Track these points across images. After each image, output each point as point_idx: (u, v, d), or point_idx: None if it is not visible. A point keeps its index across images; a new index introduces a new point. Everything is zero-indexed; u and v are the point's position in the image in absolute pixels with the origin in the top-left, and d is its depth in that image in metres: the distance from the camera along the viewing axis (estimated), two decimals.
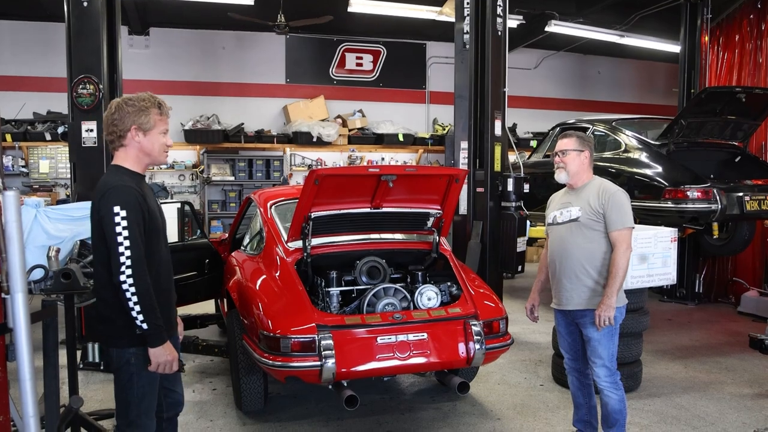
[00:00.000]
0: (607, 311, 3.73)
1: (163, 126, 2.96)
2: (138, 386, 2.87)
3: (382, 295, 4.44)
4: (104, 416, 4.42)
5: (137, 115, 2.88)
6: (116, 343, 2.87)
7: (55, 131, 10.47)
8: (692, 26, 8.98)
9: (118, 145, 2.94)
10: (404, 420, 4.72)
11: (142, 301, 2.72)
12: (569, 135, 4.02)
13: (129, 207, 2.75)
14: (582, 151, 3.95)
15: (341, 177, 4.50)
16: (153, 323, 2.76)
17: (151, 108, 2.90)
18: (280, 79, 12.35)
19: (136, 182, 2.90)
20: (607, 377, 3.87)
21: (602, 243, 3.84)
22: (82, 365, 5.84)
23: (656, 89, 14.13)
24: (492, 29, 7.07)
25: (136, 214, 2.78)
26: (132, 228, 2.74)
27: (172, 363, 2.86)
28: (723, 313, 8.31)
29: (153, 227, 2.91)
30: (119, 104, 2.90)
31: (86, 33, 5.93)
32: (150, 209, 2.90)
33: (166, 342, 2.83)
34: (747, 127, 6.96)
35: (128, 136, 2.90)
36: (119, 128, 2.89)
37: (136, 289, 2.71)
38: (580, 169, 3.97)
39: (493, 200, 7.13)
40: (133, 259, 2.72)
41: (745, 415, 4.84)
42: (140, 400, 2.88)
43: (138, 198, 2.81)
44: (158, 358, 2.81)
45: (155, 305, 2.77)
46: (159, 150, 2.97)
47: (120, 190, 2.78)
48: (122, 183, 2.82)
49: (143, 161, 2.98)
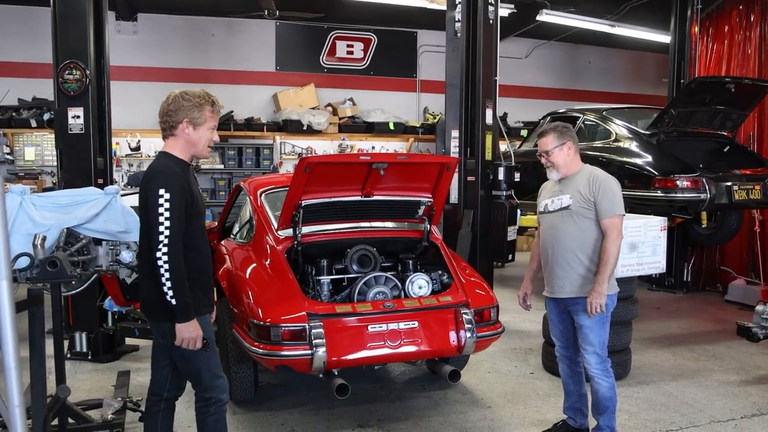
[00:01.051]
0: (598, 298, 3.73)
1: (213, 122, 3.17)
2: (202, 353, 3.09)
3: (373, 284, 4.43)
4: (92, 406, 4.37)
5: (191, 110, 3.09)
6: (155, 317, 3.13)
7: (41, 118, 10.31)
8: (682, 17, 8.97)
9: (169, 134, 3.15)
10: (395, 409, 4.73)
11: (173, 278, 2.92)
12: (546, 133, 3.99)
13: (172, 190, 2.96)
14: (563, 143, 3.93)
15: (332, 165, 4.47)
16: (181, 300, 2.95)
17: (205, 105, 3.12)
18: (270, 66, 12.24)
19: (181, 168, 3.10)
20: (598, 364, 3.88)
21: (594, 230, 3.84)
22: (70, 355, 5.80)
23: (646, 79, 14.13)
24: (484, 17, 7.03)
25: (179, 198, 2.97)
26: (173, 209, 2.94)
27: (196, 340, 3.02)
28: (711, 302, 8.38)
29: (195, 212, 3.10)
30: (176, 97, 3.11)
31: (72, 17, 5.81)
32: (192, 195, 3.08)
33: (192, 319, 3.01)
34: (736, 117, 6.99)
35: (179, 128, 3.10)
36: (173, 119, 3.10)
37: (169, 266, 2.91)
38: (567, 161, 3.96)
39: (484, 189, 7.12)
40: (171, 239, 2.92)
41: (732, 402, 4.89)
42: (208, 364, 3.16)
43: (182, 183, 3.02)
44: (182, 333, 3.00)
45: (185, 283, 2.96)
46: (204, 144, 3.17)
47: (165, 175, 3.00)
48: (168, 168, 3.04)
49: (189, 151, 3.18)
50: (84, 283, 4.32)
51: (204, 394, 3.20)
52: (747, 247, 8.45)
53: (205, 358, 3.14)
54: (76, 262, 4.11)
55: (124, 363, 5.81)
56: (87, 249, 4.18)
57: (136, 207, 3.41)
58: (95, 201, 4.23)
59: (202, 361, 3.14)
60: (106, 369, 5.62)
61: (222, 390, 3.24)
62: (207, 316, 3.23)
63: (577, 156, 4.00)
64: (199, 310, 3.10)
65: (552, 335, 4.24)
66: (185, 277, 2.97)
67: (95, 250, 4.21)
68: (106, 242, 4.19)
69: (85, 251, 4.19)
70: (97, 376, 5.43)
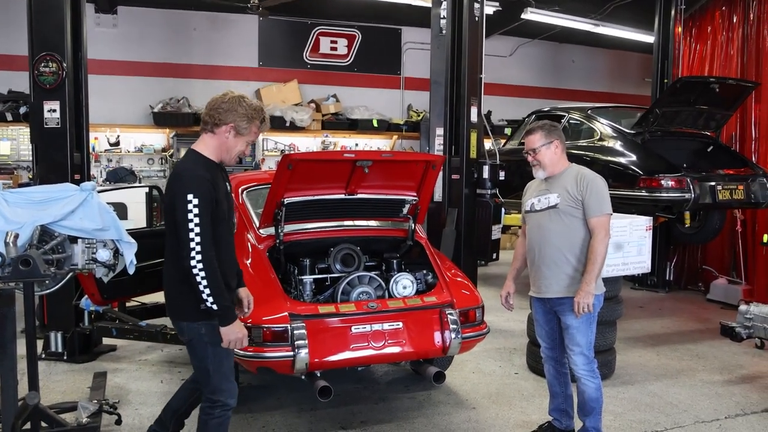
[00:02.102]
0: (585, 298, 3.68)
1: (253, 137, 3.21)
2: (213, 355, 3.12)
3: (357, 284, 4.36)
4: (66, 409, 4.25)
5: (242, 118, 3.09)
6: (186, 317, 3.13)
7: (17, 111, 10.08)
8: (666, 17, 8.97)
9: (209, 130, 3.14)
10: (378, 410, 4.66)
11: (211, 284, 2.94)
12: (533, 131, 3.92)
13: (201, 195, 2.95)
14: (551, 142, 3.87)
15: (315, 162, 4.38)
16: (222, 304, 2.98)
17: (255, 119, 3.13)
18: (252, 62, 12.11)
19: (211, 171, 3.08)
20: (584, 365, 3.84)
21: (581, 229, 3.80)
22: (44, 355, 5.67)
23: (628, 79, 14.21)
24: (469, 15, 6.98)
25: (207, 203, 2.97)
26: (203, 215, 2.94)
27: (242, 339, 3.07)
28: (693, 301, 8.42)
29: (221, 215, 3.09)
30: (233, 99, 3.10)
31: (48, 8, 5.64)
32: (218, 199, 3.06)
33: (236, 320, 3.05)
34: (720, 117, 7.02)
35: (222, 129, 3.10)
36: (220, 118, 3.08)
37: (205, 273, 2.92)
38: (553, 160, 3.90)
39: (469, 187, 7.08)
40: (203, 245, 2.93)
41: (716, 402, 4.89)
42: (219, 366, 3.16)
43: (209, 187, 3.00)
44: (229, 335, 3.03)
45: (223, 287, 3.00)
46: (236, 153, 3.19)
47: (194, 179, 2.98)
48: (196, 171, 3.02)
49: (221, 154, 3.17)
50: (58, 283, 4.19)
51: (211, 396, 3.19)
52: (729, 247, 8.50)
53: (217, 359, 3.14)
54: (51, 260, 3.97)
55: (101, 363, 5.68)
56: (62, 247, 4.06)
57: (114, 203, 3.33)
58: (71, 197, 4.11)
59: (213, 361, 3.14)
60: (82, 370, 5.49)
61: (230, 395, 3.22)
62: None
63: (564, 155, 3.96)
64: None
65: (537, 336, 4.18)
66: (221, 281, 2.99)
67: (71, 248, 4.08)
68: (82, 240, 4.07)
69: (60, 249, 4.06)
70: (73, 377, 5.30)
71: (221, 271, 3.05)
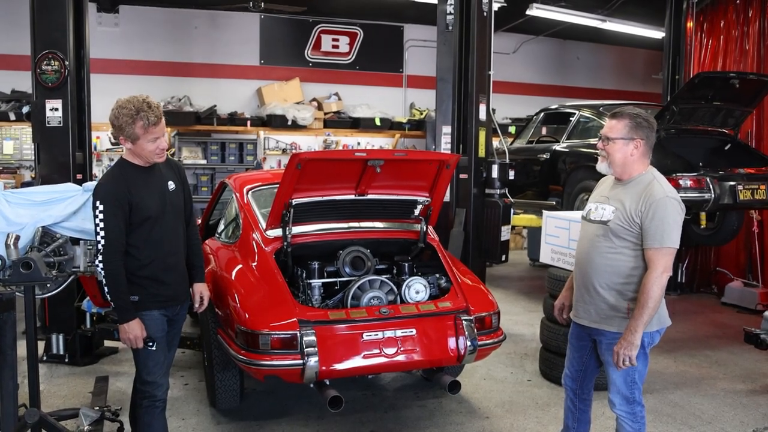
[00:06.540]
0: (627, 349, 3.08)
1: (150, 135, 3.20)
2: (139, 350, 3.30)
3: (368, 288, 4.19)
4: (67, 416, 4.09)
5: (124, 128, 3.16)
6: None
7: (19, 111, 9.97)
8: (677, 11, 8.78)
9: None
10: (388, 419, 4.50)
11: (110, 283, 3.17)
12: (620, 116, 3.24)
13: (106, 201, 3.16)
14: (633, 139, 3.19)
15: (325, 161, 4.23)
16: (118, 303, 3.20)
17: (136, 121, 3.14)
18: (254, 60, 11.95)
19: (131, 175, 3.25)
20: (622, 406, 3.27)
21: (629, 256, 3.19)
22: (46, 357, 5.55)
23: (635, 76, 14.05)
24: (477, 9, 6.84)
25: (114, 208, 3.15)
26: (107, 220, 3.15)
27: (135, 340, 3.23)
28: (706, 304, 8.23)
29: (145, 215, 3.24)
30: (114, 109, 3.18)
31: (50, 6, 5.54)
32: (137, 202, 3.21)
33: (131, 320, 3.21)
34: (739, 114, 6.80)
35: (121, 140, 3.24)
36: (115, 132, 3.24)
37: (105, 272, 3.17)
38: (626, 160, 3.23)
39: (477, 187, 6.94)
40: (106, 247, 3.16)
41: (742, 413, 4.70)
42: (145, 360, 3.34)
43: (118, 193, 3.17)
44: (123, 333, 3.24)
45: (123, 287, 3.19)
46: (148, 155, 3.26)
47: (102, 186, 3.21)
48: (107, 179, 3.25)
49: (140, 159, 3.29)
50: (60, 285, 4.10)
51: (140, 386, 3.41)
52: (744, 248, 8.28)
53: (143, 355, 3.32)
54: (52, 263, 3.90)
55: (103, 366, 5.57)
56: (63, 249, 3.97)
57: None
58: (73, 198, 4.02)
59: (140, 357, 3.33)
60: (84, 373, 5.37)
61: (156, 388, 3.38)
62: (154, 312, 3.33)
63: (643, 159, 3.26)
64: (145, 305, 3.28)
65: (566, 357, 3.64)
66: (123, 282, 3.18)
67: (72, 250, 4.01)
68: (84, 242, 3.98)
69: (62, 251, 3.97)
70: (74, 381, 5.17)
71: (152, 269, 3.28)
